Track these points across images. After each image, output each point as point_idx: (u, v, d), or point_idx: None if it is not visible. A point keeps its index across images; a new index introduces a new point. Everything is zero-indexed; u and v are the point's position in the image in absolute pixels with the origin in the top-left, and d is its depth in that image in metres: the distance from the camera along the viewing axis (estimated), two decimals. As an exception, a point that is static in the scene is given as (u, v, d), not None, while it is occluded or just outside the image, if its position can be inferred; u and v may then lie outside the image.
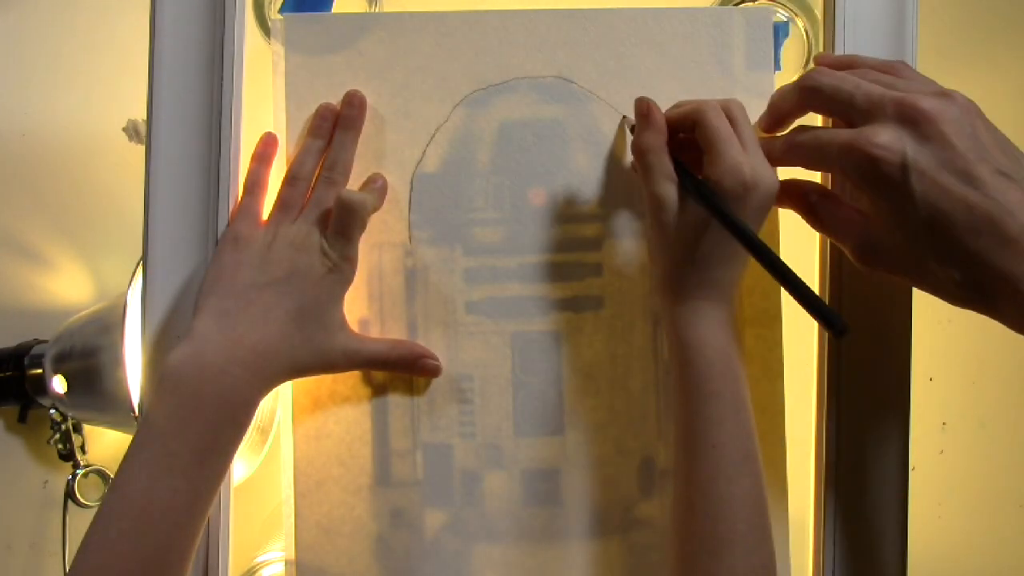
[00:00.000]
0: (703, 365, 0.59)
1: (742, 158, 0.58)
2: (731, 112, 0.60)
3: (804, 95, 0.59)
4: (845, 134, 0.56)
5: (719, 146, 0.58)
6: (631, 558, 0.67)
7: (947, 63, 0.94)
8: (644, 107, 0.62)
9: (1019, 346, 0.92)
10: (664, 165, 0.60)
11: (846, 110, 0.57)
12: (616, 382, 0.68)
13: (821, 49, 0.69)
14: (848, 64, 0.61)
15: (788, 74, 0.82)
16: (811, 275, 0.68)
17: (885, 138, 0.54)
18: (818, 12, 0.81)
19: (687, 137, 0.61)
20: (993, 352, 0.94)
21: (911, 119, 0.54)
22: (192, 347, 0.60)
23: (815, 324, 0.67)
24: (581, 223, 0.68)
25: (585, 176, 0.68)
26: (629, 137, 0.68)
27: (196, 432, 0.59)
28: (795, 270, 0.62)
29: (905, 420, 0.66)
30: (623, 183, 0.68)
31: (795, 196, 0.62)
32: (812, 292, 0.53)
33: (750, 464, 0.58)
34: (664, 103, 0.67)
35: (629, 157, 0.68)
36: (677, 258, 0.60)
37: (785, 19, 0.82)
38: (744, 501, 0.58)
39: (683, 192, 0.59)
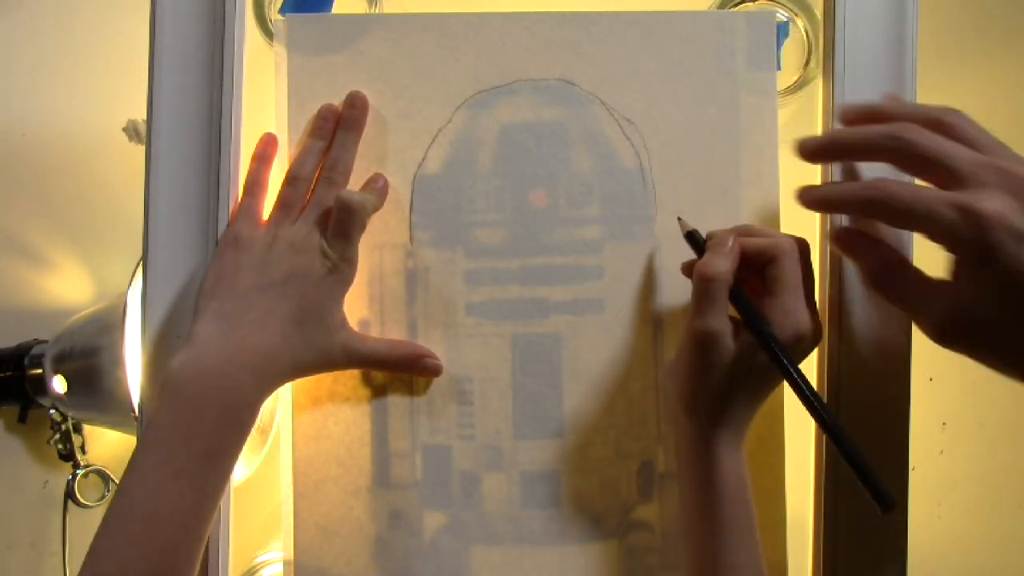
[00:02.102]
0: (724, 491, 0.59)
1: (805, 310, 0.59)
2: (803, 255, 0.60)
3: (897, 144, 0.56)
4: (951, 194, 0.53)
5: (789, 295, 0.58)
6: (629, 561, 0.67)
7: (947, 63, 0.94)
8: (727, 239, 0.60)
9: (1019, 347, 0.92)
10: (723, 299, 0.59)
11: (945, 172, 0.54)
12: (616, 385, 0.68)
13: (821, 49, 0.69)
14: (882, 114, 0.58)
15: (788, 74, 0.82)
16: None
17: (998, 204, 0.51)
18: (818, 12, 0.81)
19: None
20: (993, 352, 0.94)
21: (1017, 190, 0.52)
22: (194, 351, 0.61)
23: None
24: (582, 226, 0.68)
25: (586, 179, 0.68)
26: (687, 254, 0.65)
27: (200, 436, 0.60)
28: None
29: (905, 420, 0.66)
30: (625, 186, 0.68)
31: (860, 256, 0.61)
32: (868, 463, 0.54)
33: None
34: (666, 106, 0.67)
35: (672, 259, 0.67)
36: (719, 390, 0.59)
37: (785, 19, 0.82)
38: None
39: (735, 325, 0.59)
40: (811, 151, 0.60)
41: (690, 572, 0.61)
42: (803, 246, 0.61)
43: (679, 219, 0.65)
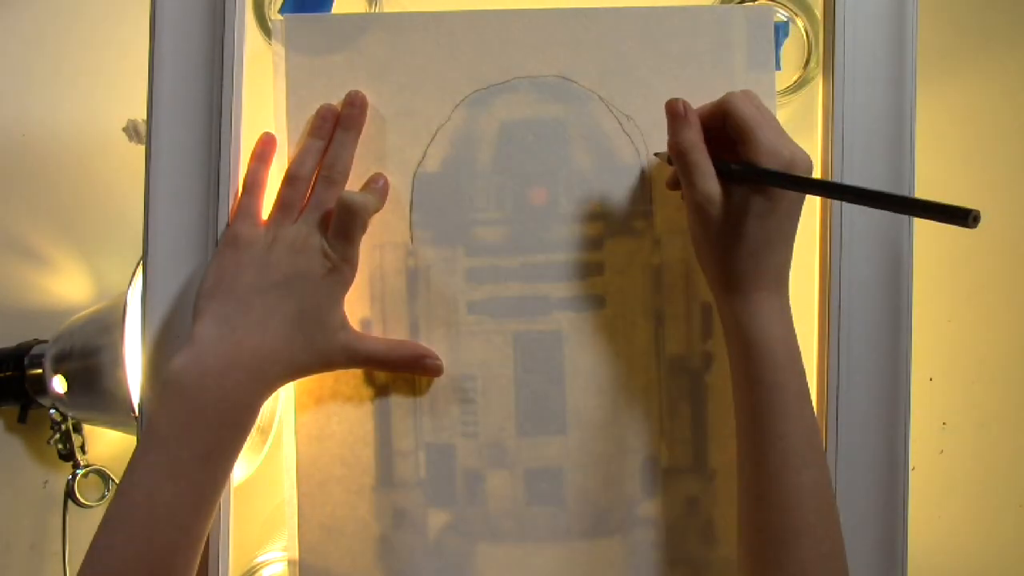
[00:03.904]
0: (766, 356, 0.59)
1: (778, 140, 0.59)
2: (753, 99, 0.61)
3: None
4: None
5: (756, 132, 0.59)
6: (633, 557, 0.67)
7: (947, 63, 0.94)
8: (679, 107, 0.62)
9: (1019, 346, 0.93)
10: (706, 161, 0.61)
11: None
12: (618, 381, 0.68)
13: (821, 49, 0.69)
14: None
15: (788, 74, 0.82)
16: (810, 273, 0.68)
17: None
18: (818, 12, 0.81)
19: (716, 135, 0.62)
20: (993, 352, 0.94)
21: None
22: (193, 353, 0.61)
23: (814, 326, 0.67)
24: (582, 222, 0.68)
25: (586, 175, 0.68)
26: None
27: (199, 437, 0.60)
28: (792, 270, 0.62)
29: (905, 420, 0.66)
30: (624, 182, 0.68)
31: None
32: (920, 200, 0.51)
33: (815, 453, 0.59)
34: (665, 101, 0.67)
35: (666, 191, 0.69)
36: (728, 250, 0.60)
37: (785, 19, 0.82)
38: (812, 491, 0.58)
39: (725, 184, 0.60)
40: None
41: (741, 445, 0.61)
42: (748, 92, 0.62)
43: (656, 154, 0.67)
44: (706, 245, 0.62)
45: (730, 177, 0.60)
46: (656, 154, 0.68)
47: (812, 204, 0.68)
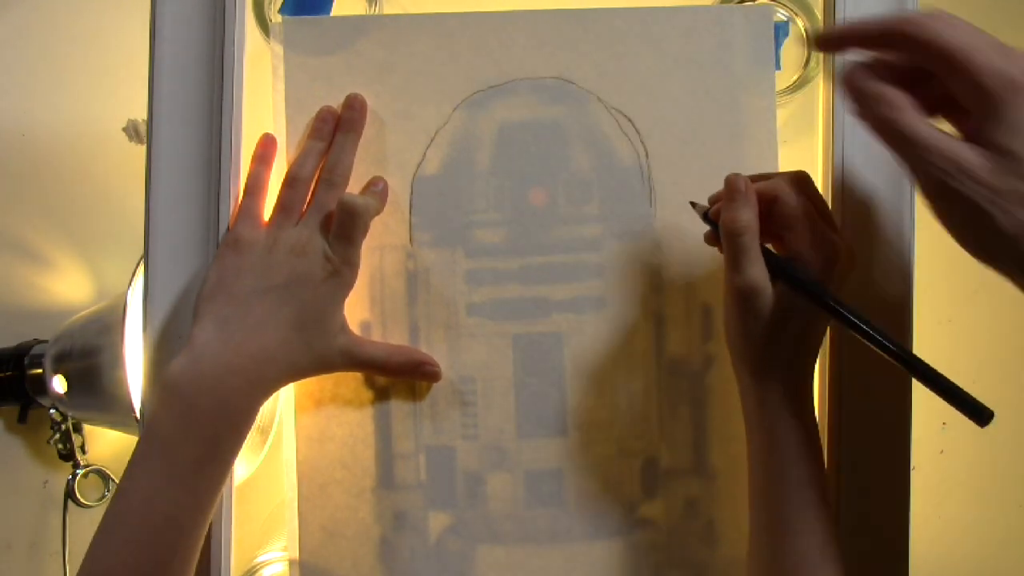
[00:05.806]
0: (792, 450, 0.58)
1: (824, 236, 0.57)
2: (805, 186, 0.59)
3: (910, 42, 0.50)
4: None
5: (805, 222, 0.57)
6: (634, 559, 0.67)
7: (947, 63, 0.94)
8: (739, 183, 0.58)
9: (1019, 346, 0.93)
10: (756, 248, 0.58)
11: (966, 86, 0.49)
12: (618, 383, 0.68)
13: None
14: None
15: (788, 73, 0.82)
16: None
17: None
18: (818, 12, 0.81)
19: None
20: (993, 352, 0.94)
21: None
22: (191, 357, 0.61)
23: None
24: (582, 224, 0.68)
25: (586, 177, 0.68)
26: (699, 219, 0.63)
27: (196, 441, 0.60)
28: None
29: (905, 420, 0.66)
30: (624, 183, 0.68)
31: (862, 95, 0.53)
32: (949, 382, 0.53)
33: (833, 548, 0.58)
34: (665, 103, 0.67)
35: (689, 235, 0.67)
36: (764, 341, 0.58)
37: (785, 19, 0.82)
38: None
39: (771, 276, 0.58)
40: (827, 39, 0.56)
41: (755, 533, 0.60)
42: (802, 176, 0.59)
43: (692, 204, 0.64)
44: (740, 330, 0.59)
45: (773, 272, 0.58)
46: (693, 204, 0.64)
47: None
